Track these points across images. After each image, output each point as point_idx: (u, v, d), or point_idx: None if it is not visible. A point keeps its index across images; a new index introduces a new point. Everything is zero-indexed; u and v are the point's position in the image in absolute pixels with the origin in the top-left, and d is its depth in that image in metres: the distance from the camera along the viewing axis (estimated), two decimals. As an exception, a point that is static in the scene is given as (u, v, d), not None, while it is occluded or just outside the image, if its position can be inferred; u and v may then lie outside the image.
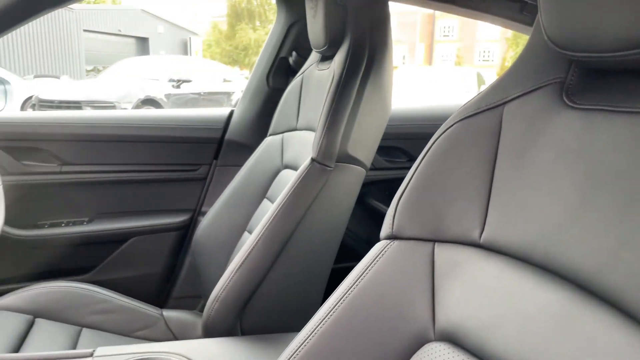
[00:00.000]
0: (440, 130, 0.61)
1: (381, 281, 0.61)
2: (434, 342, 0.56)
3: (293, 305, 1.04)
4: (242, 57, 24.78)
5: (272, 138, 1.36)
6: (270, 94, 1.63)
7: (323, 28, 1.08)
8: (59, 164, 1.50)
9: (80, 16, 17.08)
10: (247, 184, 1.35)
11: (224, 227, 1.35)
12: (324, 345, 0.61)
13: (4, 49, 13.64)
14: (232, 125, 1.65)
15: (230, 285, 0.99)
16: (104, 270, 1.53)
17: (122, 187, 1.57)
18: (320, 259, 1.09)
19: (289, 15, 1.59)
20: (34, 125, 1.49)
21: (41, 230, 1.49)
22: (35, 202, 1.50)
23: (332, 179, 1.03)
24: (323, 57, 1.22)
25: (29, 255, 1.49)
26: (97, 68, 14.97)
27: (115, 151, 1.55)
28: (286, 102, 1.34)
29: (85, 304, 1.25)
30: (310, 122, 1.18)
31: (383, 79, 1.09)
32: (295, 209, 1.01)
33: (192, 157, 1.62)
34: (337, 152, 1.02)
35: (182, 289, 1.58)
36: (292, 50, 1.60)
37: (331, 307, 0.62)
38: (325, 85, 1.07)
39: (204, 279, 1.36)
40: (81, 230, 1.52)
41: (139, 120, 1.61)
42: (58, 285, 1.27)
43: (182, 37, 23.58)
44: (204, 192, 1.63)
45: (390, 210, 0.63)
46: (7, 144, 1.43)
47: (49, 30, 15.50)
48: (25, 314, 1.18)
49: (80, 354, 0.84)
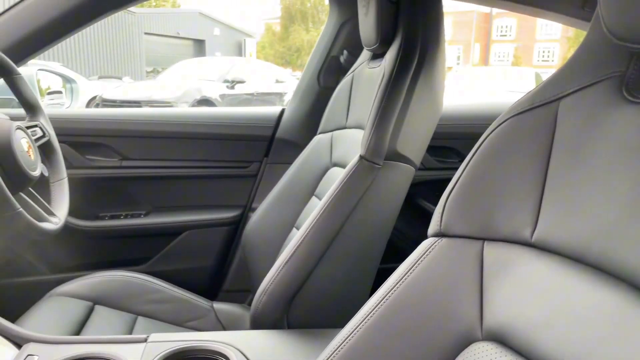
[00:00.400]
0: (493, 126, 0.60)
1: (427, 279, 0.60)
2: (481, 342, 0.55)
3: (339, 302, 1.04)
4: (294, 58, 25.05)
5: (321, 136, 1.37)
6: (320, 93, 1.64)
7: (374, 26, 1.08)
8: (119, 159, 1.58)
9: (141, 20, 17.82)
10: (296, 182, 1.37)
11: (273, 224, 1.38)
12: (368, 341, 0.61)
13: (72, 52, 14.43)
14: (283, 124, 1.68)
15: (278, 279, 1.01)
16: (159, 262, 1.59)
17: (177, 182, 1.63)
18: (367, 257, 1.09)
19: (341, 13, 1.59)
20: (97, 121, 1.57)
21: (102, 222, 1.57)
22: (97, 195, 1.58)
23: (380, 176, 1.03)
24: (374, 55, 1.21)
25: (90, 245, 1.57)
26: (157, 69, 15.54)
27: (171, 147, 1.61)
28: (336, 100, 1.35)
29: (141, 293, 1.31)
30: (360, 120, 1.18)
31: (434, 77, 1.08)
32: (343, 206, 1.01)
33: (244, 155, 1.66)
34: (385, 150, 1.02)
35: (232, 283, 1.62)
36: (344, 49, 1.61)
37: (376, 303, 0.62)
38: (376, 83, 1.07)
39: (253, 274, 1.39)
40: (138, 222, 1.59)
41: (195, 118, 1.66)
42: (116, 275, 1.33)
43: (237, 39, 24.10)
44: (255, 188, 1.66)
45: (439, 207, 0.63)
46: (72, 139, 1.51)
47: (113, 33, 16.25)
48: (85, 301, 1.24)
49: (135, 338, 0.88)
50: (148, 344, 0.87)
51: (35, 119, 1.23)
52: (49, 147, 1.25)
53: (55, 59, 11.06)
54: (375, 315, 0.61)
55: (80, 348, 0.83)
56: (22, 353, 0.82)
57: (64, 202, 1.21)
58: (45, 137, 1.23)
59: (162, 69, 12.12)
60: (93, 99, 7.75)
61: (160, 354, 0.83)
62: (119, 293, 1.28)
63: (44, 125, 1.24)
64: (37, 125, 1.22)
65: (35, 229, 1.00)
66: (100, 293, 1.27)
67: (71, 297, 1.24)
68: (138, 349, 0.84)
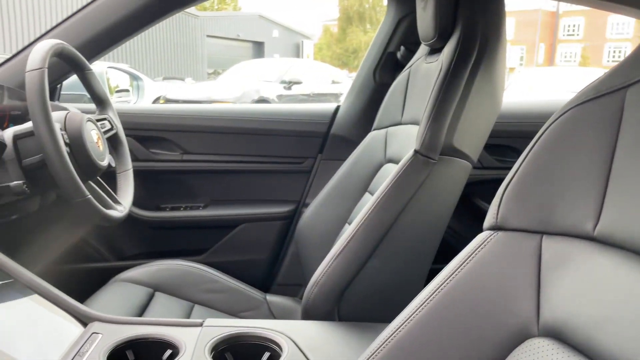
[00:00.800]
0: (555, 116, 0.58)
1: (482, 272, 0.59)
2: (537, 338, 0.53)
3: (390, 297, 1.04)
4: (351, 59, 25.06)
5: (376, 132, 1.37)
6: (376, 89, 1.64)
7: (433, 19, 1.07)
8: (180, 153, 1.64)
9: (204, 23, 18.42)
10: (349, 178, 1.37)
11: (326, 219, 1.38)
12: (417, 334, 0.60)
13: (139, 54, 15.13)
14: (338, 120, 1.68)
15: (329, 271, 1.01)
16: (216, 253, 1.64)
17: (234, 177, 1.68)
18: (419, 254, 1.08)
19: (398, 9, 1.58)
20: (161, 117, 1.64)
21: (163, 213, 1.64)
22: (159, 186, 1.65)
23: (435, 171, 1.01)
24: (431, 50, 1.20)
25: (151, 235, 1.64)
26: (217, 71, 16.02)
27: (230, 143, 1.65)
28: (392, 96, 1.34)
29: (198, 283, 1.35)
30: (416, 116, 1.17)
31: (494, 72, 1.05)
32: (396, 201, 1.00)
33: (299, 151, 1.68)
34: (441, 145, 1.00)
35: (285, 276, 1.64)
36: (401, 45, 1.60)
37: (427, 296, 0.61)
38: (433, 78, 1.05)
39: (305, 268, 1.41)
40: (197, 214, 1.65)
41: (252, 115, 1.70)
42: (175, 264, 1.39)
43: (295, 40, 24.41)
44: (309, 184, 1.68)
45: (495, 199, 0.61)
46: (137, 133, 1.59)
47: (177, 36, 16.91)
48: (146, 287, 1.30)
49: (192, 322, 0.91)
50: (203, 328, 0.90)
51: (104, 113, 1.30)
52: (117, 139, 1.32)
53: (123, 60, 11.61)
54: (426, 308, 0.60)
55: (140, 329, 0.88)
56: (87, 331, 0.87)
57: (129, 192, 1.28)
58: (113, 130, 1.30)
59: (222, 70, 12.48)
60: (158, 99, 8.09)
61: (214, 337, 0.86)
62: (177, 281, 1.34)
63: (112, 119, 1.31)
64: (105, 119, 1.29)
65: (102, 215, 1.06)
66: (161, 280, 1.32)
67: (134, 283, 1.30)
68: (194, 332, 0.88)
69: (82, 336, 0.85)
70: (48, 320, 0.87)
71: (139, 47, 15.21)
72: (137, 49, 15.12)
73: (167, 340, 0.85)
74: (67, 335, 0.85)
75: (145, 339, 0.85)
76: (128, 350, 0.84)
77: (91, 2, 1.36)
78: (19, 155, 1.03)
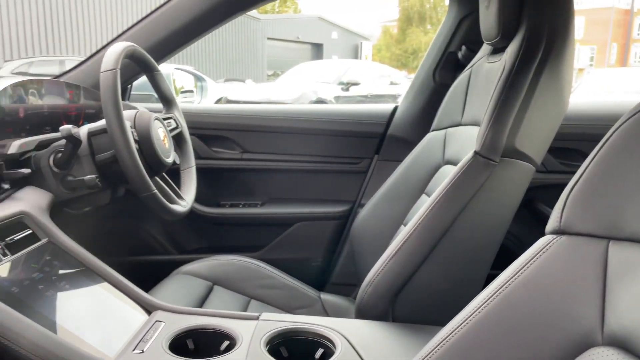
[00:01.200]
0: (624, 118, 0.55)
1: (543, 277, 0.57)
2: (601, 347, 0.51)
3: (446, 301, 1.02)
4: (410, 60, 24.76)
5: (434, 133, 1.35)
6: (435, 90, 1.61)
7: (496, 18, 1.04)
8: (240, 152, 1.69)
9: (265, 25, 18.80)
10: (406, 179, 1.36)
11: (382, 220, 1.38)
12: (474, 337, 0.59)
13: (202, 57, 15.65)
14: (395, 121, 1.67)
15: (384, 272, 1.01)
16: (272, 250, 1.68)
17: (291, 176, 1.71)
18: (477, 259, 1.05)
19: (460, 8, 1.56)
20: (223, 116, 1.70)
21: (222, 209, 1.69)
22: (220, 184, 1.70)
23: (496, 174, 0.98)
24: (494, 50, 1.17)
25: (211, 230, 1.70)
26: (277, 72, 16.29)
27: (287, 142, 1.68)
28: (452, 96, 1.32)
29: (255, 278, 1.39)
30: (476, 117, 1.14)
31: (560, 72, 1.01)
32: (453, 203, 0.99)
33: (355, 151, 1.69)
34: (503, 146, 0.97)
35: (339, 276, 1.65)
36: (462, 45, 1.57)
37: (485, 299, 0.60)
38: (495, 78, 1.03)
39: (360, 268, 1.41)
40: (255, 212, 1.69)
41: (310, 115, 1.72)
42: (233, 259, 1.43)
43: (354, 42, 24.41)
44: (365, 184, 1.68)
45: (559, 203, 0.59)
46: (201, 132, 1.65)
47: (239, 39, 17.36)
48: (205, 280, 1.35)
49: (249, 316, 0.94)
50: (259, 321, 0.92)
51: (170, 112, 1.36)
52: (181, 137, 1.37)
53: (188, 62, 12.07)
54: (482, 312, 0.59)
55: (200, 319, 0.91)
56: (151, 319, 0.92)
57: (191, 188, 1.33)
58: (178, 129, 1.36)
59: (281, 72, 12.68)
60: (219, 100, 8.35)
61: (270, 331, 0.88)
62: (235, 276, 1.37)
63: (177, 118, 1.37)
64: (171, 118, 1.35)
65: (167, 209, 1.11)
66: (219, 274, 1.37)
67: (194, 276, 1.35)
68: (250, 325, 0.90)
69: (147, 323, 0.90)
70: (116, 307, 0.93)
71: (202, 49, 15.74)
72: (201, 51, 15.65)
73: (225, 332, 0.88)
74: (132, 321, 0.90)
75: (205, 329, 0.89)
76: (188, 339, 0.87)
77: (160, 7, 1.43)
78: (93, 151, 1.10)
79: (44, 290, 0.85)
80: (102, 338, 0.82)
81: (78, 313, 0.85)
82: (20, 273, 0.85)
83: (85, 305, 0.89)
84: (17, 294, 0.80)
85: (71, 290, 0.90)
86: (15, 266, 0.85)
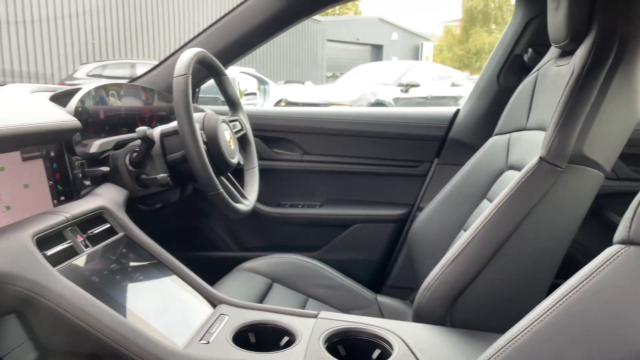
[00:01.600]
0: None
1: (610, 287, 0.56)
2: None
3: (506, 308, 1.00)
4: (473, 61, 24.13)
5: (497, 138, 1.33)
6: (499, 93, 1.58)
7: (565, 20, 1.01)
8: (301, 153, 1.72)
9: (325, 27, 18.93)
10: (467, 183, 1.34)
11: (441, 224, 1.37)
12: (534, 346, 0.59)
13: (264, 59, 16.00)
14: (457, 124, 1.65)
15: (443, 277, 1.01)
16: (329, 250, 1.70)
17: (350, 178, 1.72)
18: (540, 266, 1.03)
19: (528, 9, 1.52)
20: (284, 119, 1.74)
21: (282, 209, 1.74)
22: (280, 184, 1.75)
23: (562, 181, 0.96)
24: (562, 53, 1.13)
25: (271, 229, 1.75)
26: (336, 74, 16.36)
27: (346, 144, 1.71)
28: (517, 100, 1.29)
29: (313, 277, 1.42)
30: (542, 121, 1.12)
31: (634, 75, 0.97)
32: (516, 209, 0.97)
33: (415, 154, 1.68)
34: (570, 152, 0.94)
35: (396, 279, 1.65)
36: (528, 47, 1.53)
37: (547, 308, 0.59)
38: (563, 82, 1.00)
39: (417, 272, 1.41)
40: (313, 212, 1.72)
41: (369, 117, 1.73)
42: (292, 258, 1.47)
43: (415, 42, 24.10)
44: (424, 188, 1.67)
45: (629, 212, 0.57)
46: (263, 134, 1.70)
47: (299, 41, 17.59)
48: (265, 278, 1.39)
49: (308, 313, 0.96)
50: (318, 319, 0.94)
51: (236, 115, 1.42)
52: (246, 139, 1.43)
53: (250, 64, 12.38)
54: (544, 320, 0.59)
55: (262, 315, 0.95)
56: (216, 312, 0.96)
57: (254, 188, 1.38)
58: (243, 131, 1.42)
59: (340, 73, 12.73)
60: (279, 101, 8.50)
61: (328, 329, 0.90)
62: (293, 274, 1.41)
63: (242, 120, 1.42)
64: (237, 120, 1.40)
65: (231, 208, 1.16)
66: (278, 272, 1.41)
67: (254, 273, 1.40)
68: (309, 323, 0.93)
69: (212, 316, 0.95)
70: (183, 299, 0.98)
71: (264, 51, 16.07)
72: (262, 53, 15.99)
73: (285, 328, 0.91)
74: (198, 313, 0.95)
75: (266, 324, 0.92)
76: (250, 333, 0.91)
77: (226, 14, 1.49)
78: (165, 151, 1.16)
79: (120, 281, 0.91)
80: (171, 327, 0.87)
81: (150, 303, 0.91)
82: (100, 264, 0.92)
83: (156, 296, 0.95)
84: (97, 283, 0.86)
85: (144, 282, 0.96)
86: (95, 257, 0.93)
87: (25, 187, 0.91)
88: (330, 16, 21.78)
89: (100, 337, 0.78)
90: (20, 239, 0.80)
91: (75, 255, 0.89)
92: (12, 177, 0.88)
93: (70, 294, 0.78)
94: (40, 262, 0.79)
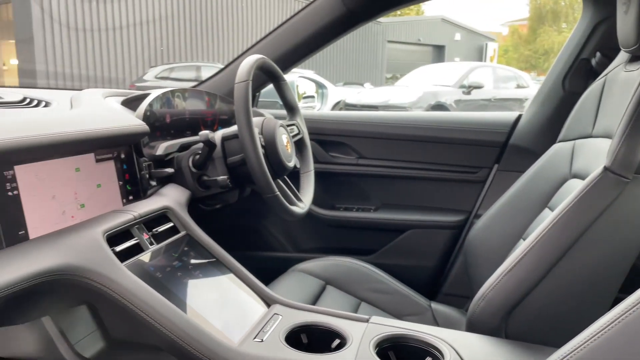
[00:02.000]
0: None
1: None
2: None
3: (565, 322, 0.97)
4: (541, 61, 23.18)
5: (561, 145, 1.28)
6: (564, 98, 1.52)
7: (636, 23, 0.97)
8: (356, 157, 1.74)
9: (385, 28, 18.80)
10: (528, 191, 1.30)
11: (499, 232, 1.34)
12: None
13: (323, 61, 16.12)
14: (519, 130, 1.61)
15: (499, 286, 0.99)
16: (383, 255, 1.70)
17: (405, 182, 1.72)
18: (602, 279, 0.98)
19: (596, 12, 1.45)
20: (341, 123, 1.76)
21: (337, 212, 1.75)
22: (335, 187, 1.77)
23: (628, 192, 0.91)
24: (633, 58, 1.08)
25: (326, 232, 1.77)
26: (396, 76, 16.22)
27: (403, 149, 1.70)
28: (583, 106, 1.24)
29: (366, 281, 1.42)
30: (609, 129, 1.07)
31: None
32: (579, 220, 0.93)
33: (473, 160, 1.65)
34: (637, 162, 0.90)
35: (451, 286, 1.63)
36: (596, 51, 1.46)
37: (606, 324, 0.57)
38: (632, 88, 0.95)
39: (473, 280, 1.38)
40: (368, 216, 1.73)
41: (427, 122, 1.72)
42: (346, 261, 1.48)
43: (478, 43, 23.46)
44: (482, 195, 1.64)
45: None
46: (319, 138, 1.73)
47: (359, 42, 17.58)
48: (319, 279, 1.41)
49: (359, 317, 0.97)
50: (369, 324, 0.95)
51: (293, 119, 1.45)
52: (302, 143, 1.46)
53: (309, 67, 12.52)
54: (603, 336, 0.57)
55: (315, 316, 0.97)
56: (270, 311, 0.99)
57: (309, 191, 1.40)
58: (300, 135, 1.44)
59: (400, 75, 12.61)
60: (337, 103, 8.54)
61: (379, 334, 0.90)
62: (347, 277, 1.42)
63: (299, 125, 1.45)
64: (294, 124, 1.43)
65: (287, 210, 1.19)
66: (332, 275, 1.43)
67: (308, 275, 1.42)
68: (361, 327, 0.94)
69: (266, 315, 0.98)
70: (240, 297, 1.02)
71: (323, 53, 16.14)
72: (322, 55, 16.11)
73: (337, 331, 0.92)
74: (253, 312, 0.98)
75: (318, 326, 0.94)
76: (302, 334, 0.93)
77: (286, 21, 1.53)
78: (225, 154, 1.21)
79: (181, 277, 0.96)
80: (227, 324, 0.91)
81: (208, 300, 0.96)
82: (163, 260, 0.97)
83: (214, 293, 0.99)
84: (161, 279, 0.92)
85: (203, 279, 1.01)
86: (158, 254, 0.98)
87: (97, 187, 0.98)
88: (391, 17, 21.60)
89: (162, 330, 0.82)
90: (93, 236, 0.86)
91: (141, 251, 0.94)
92: (86, 177, 0.95)
93: (136, 288, 0.83)
94: (110, 257, 0.85)
